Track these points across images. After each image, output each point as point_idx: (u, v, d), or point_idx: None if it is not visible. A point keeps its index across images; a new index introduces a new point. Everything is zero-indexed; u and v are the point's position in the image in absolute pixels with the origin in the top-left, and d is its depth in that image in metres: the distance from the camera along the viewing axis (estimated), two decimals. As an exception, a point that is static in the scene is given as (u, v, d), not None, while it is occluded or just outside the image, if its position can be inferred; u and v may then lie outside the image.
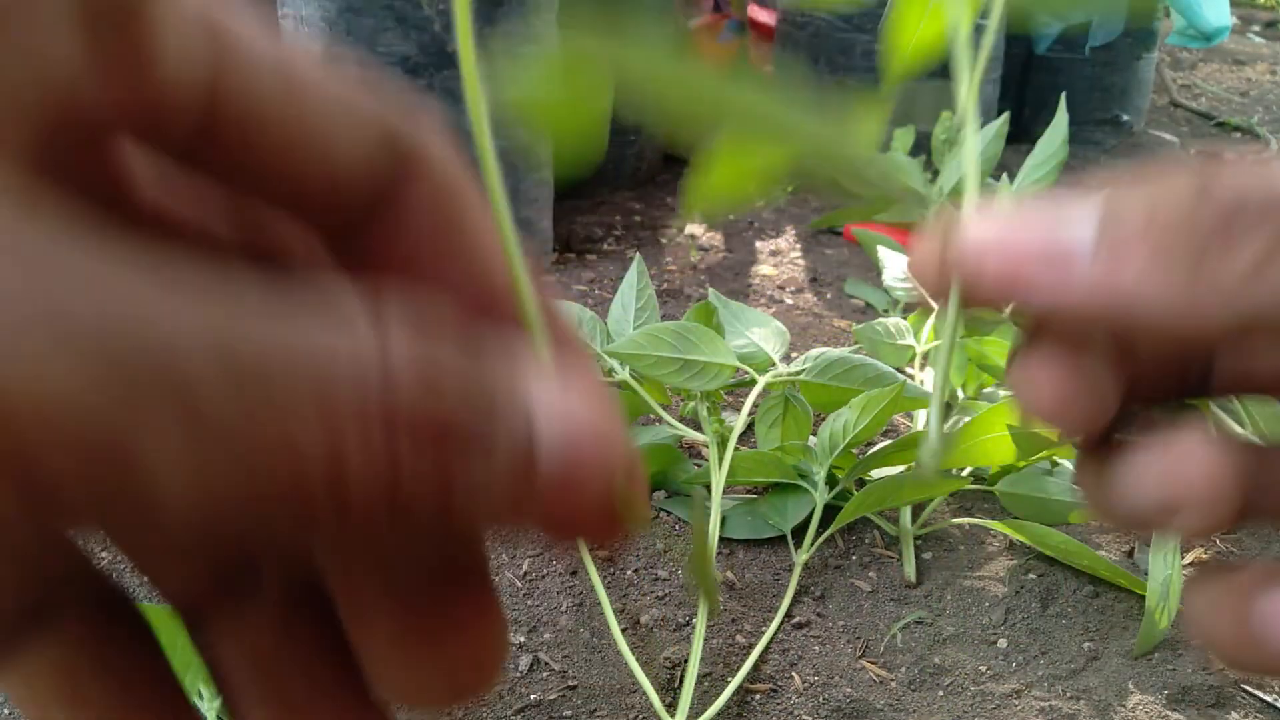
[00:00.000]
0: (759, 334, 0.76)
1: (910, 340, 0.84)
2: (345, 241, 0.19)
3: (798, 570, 0.66)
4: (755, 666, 0.60)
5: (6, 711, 0.41)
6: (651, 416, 0.78)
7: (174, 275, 0.12)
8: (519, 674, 0.59)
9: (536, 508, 0.15)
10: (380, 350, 0.12)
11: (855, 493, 0.67)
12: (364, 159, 0.18)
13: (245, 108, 0.16)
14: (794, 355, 0.79)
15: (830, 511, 0.69)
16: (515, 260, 0.20)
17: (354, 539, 0.13)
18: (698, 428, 0.76)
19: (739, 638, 0.62)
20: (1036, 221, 0.20)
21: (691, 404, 0.78)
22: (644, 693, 0.56)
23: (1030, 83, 1.93)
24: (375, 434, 0.12)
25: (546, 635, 0.62)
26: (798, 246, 1.33)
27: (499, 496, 0.14)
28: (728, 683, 0.58)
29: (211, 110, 0.16)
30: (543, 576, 0.68)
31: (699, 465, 0.76)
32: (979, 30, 0.25)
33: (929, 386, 0.83)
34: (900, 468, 0.72)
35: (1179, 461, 0.20)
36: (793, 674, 0.60)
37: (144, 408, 0.11)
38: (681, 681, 0.58)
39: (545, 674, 0.60)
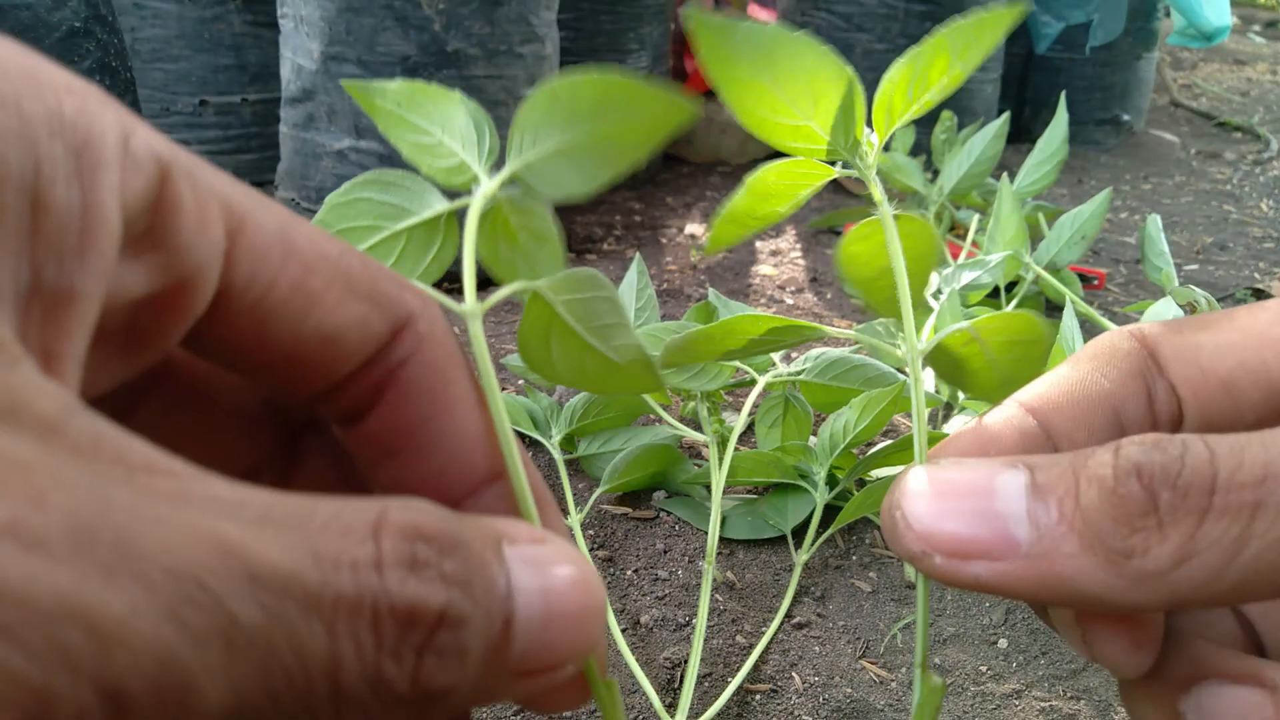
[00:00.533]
0: (759, 334, 0.76)
1: (910, 340, 0.84)
2: (347, 401, 0.22)
3: (798, 570, 0.66)
4: (755, 666, 0.60)
5: None
6: (651, 416, 0.78)
7: (207, 488, 0.15)
8: (519, 674, 0.59)
9: (510, 685, 0.17)
10: (377, 567, 0.15)
11: (855, 493, 0.67)
12: (363, 328, 0.21)
13: (255, 279, 0.19)
14: (794, 355, 0.79)
15: (830, 511, 0.69)
16: (506, 433, 0.23)
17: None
18: (698, 428, 0.76)
19: (739, 638, 0.62)
20: (971, 510, 0.21)
21: (691, 404, 0.78)
22: (644, 693, 0.56)
23: (1030, 83, 1.93)
24: (367, 642, 0.15)
25: (546, 635, 0.62)
26: (798, 246, 1.33)
27: (473, 684, 0.17)
28: (728, 683, 0.58)
29: (225, 288, 0.19)
30: (543, 576, 0.67)
31: (699, 465, 0.76)
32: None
33: (929, 386, 0.83)
34: (900, 468, 0.71)
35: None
36: (793, 674, 0.60)
37: (196, 632, 0.14)
38: (681, 681, 0.58)
39: (545, 674, 0.59)
